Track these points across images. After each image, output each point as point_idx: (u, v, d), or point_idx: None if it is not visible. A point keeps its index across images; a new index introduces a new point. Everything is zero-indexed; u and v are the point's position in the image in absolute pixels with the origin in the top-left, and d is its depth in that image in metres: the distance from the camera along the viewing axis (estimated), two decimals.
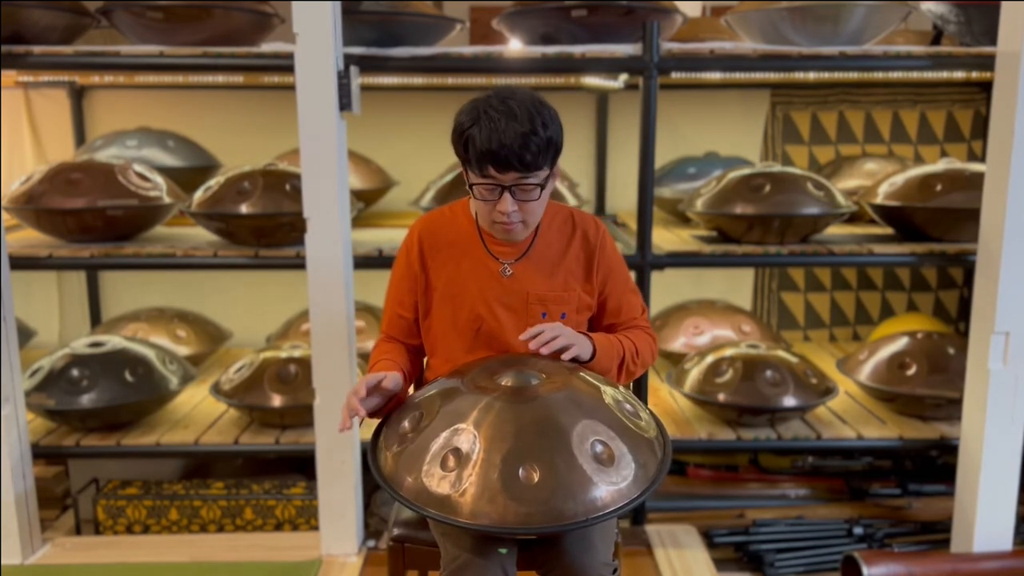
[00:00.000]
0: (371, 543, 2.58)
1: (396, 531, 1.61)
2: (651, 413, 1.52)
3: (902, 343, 2.85)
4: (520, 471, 1.27)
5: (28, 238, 2.84)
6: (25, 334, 3.26)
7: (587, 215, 1.66)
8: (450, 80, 3.41)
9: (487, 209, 1.51)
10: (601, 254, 1.62)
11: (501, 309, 1.58)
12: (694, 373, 2.81)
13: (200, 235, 2.90)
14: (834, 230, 3.00)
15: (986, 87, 3.54)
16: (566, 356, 1.49)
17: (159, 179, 2.80)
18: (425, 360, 1.70)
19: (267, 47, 2.55)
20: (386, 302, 1.68)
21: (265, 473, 2.97)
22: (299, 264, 2.50)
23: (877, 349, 2.89)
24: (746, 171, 2.79)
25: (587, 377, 1.47)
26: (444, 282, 1.61)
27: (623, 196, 3.67)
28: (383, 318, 1.69)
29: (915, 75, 3.14)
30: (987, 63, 2.50)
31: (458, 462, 1.30)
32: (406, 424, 1.41)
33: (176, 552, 2.54)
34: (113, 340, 2.85)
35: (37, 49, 2.46)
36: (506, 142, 1.41)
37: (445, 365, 1.61)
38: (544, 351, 1.46)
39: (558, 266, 1.60)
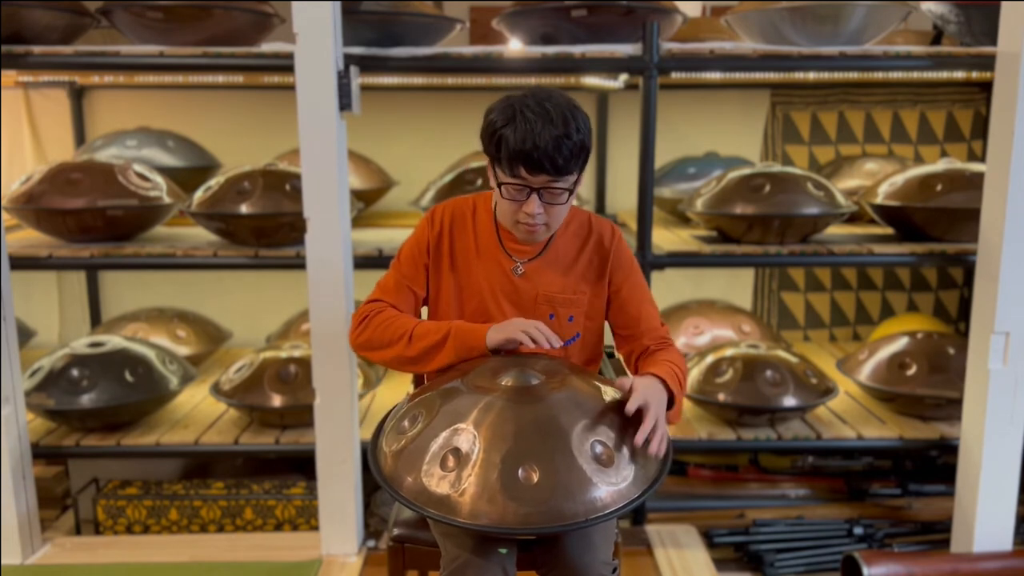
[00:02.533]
0: (371, 543, 2.58)
1: (396, 531, 1.61)
2: None
3: (902, 343, 2.85)
4: (520, 471, 1.27)
5: (28, 238, 2.84)
6: (25, 334, 3.26)
7: (605, 220, 1.65)
8: (450, 80, 3.41)
9: (512, 209, 1.50)
10: (615, 259, 1.61)
11: (509, 306, 1.59)
12: (694, 373, 2.81)
13: (200, 235, 2.90)
14: (834, 230, 3.00)
15: (986, 87, 3.54)
16: (660, 433, 1.38)
17: (159, 179, 2.80)
18: None
19: (267, 47, 2.55)
20: (394, 273, 1.62)
21: (265, 473, 2.97)
22: (299, 264, 2.50)
23: (877, 349, 2.89)
24: (746, 171, 2.79)
25: (587, 377, 1.47)
26: (457, 271, 1.61)
27: (623, 196, 3.67)
28: (384, 286, 1.62)
29: (915, 75, 3.14)
30: (987, 63, 2.50)
31: (458, 462, 1.30)
32: (406, 424, 1.41)
33: (176, 552, 2.54)
34: (113, 340, 2.85)
35: (37, 49, 2.46)
36: (540, 144, 1.40)
37: None
38: (659, 448, 1.37)
39: (570, 269, 1.60)
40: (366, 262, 2.58)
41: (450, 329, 1.51)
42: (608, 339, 1.71)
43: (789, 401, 2.67)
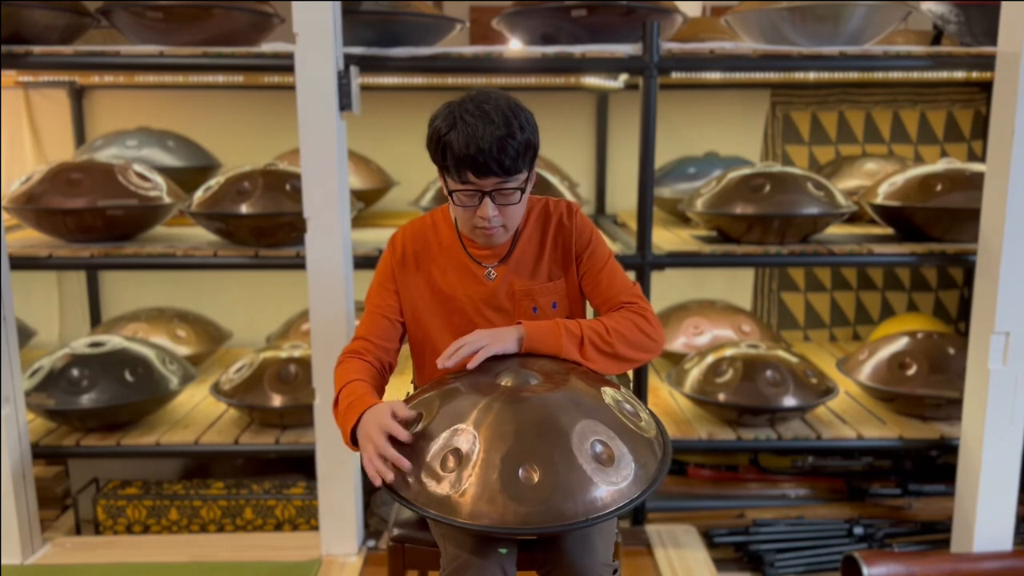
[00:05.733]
0: (371, 543, 2.58)
1: (396, 531, 1.61)
2: (651, 413, 1.52)
3: (902, 343, 2.85)
4: (520, 471, 1.27)
5: (28, 238, 2.84)
6: (25, 334, 3.26)
7: (561, 200, 1.65)
8: (450, 80, 3.40)
9: (467, 216, 1.50)
10: (578, 234, 1.61)
11: (491, 312, 1.59)
12: (694, 373, 2.81)
13: (200, 235, 2.90)
14: (834, 230, 3.00)
15: (986, 87, 3.54)
16: (482, 356, 1.45)
17: (159, 179, 2.80)
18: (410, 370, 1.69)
19: (267, 47, 2.55)
20: (368, 306, 1.64)
21: (265, 473, 2.97)
22: (299, 264, 2.50)
23: (877, 349, 2.89)
24: (746, 171, 2.79)
25: (587, 377, 1.47)
26: (431, 291, 1.61)
27: (623, 196, 3.67)
28: (361, 321, 1.63)
29: (915, 75, 3.14)
30: (987, 63, 2.50)
31: (458, 462, 1.30)
32: None
33: (176, 552, 2.54)
34: (113, 340, 2.85)
35: (37, 49, 2.46)
36: (484, 147, 1.39)
37: (436, 373, 1.60)
38: (450, 364, 1.44)
39: (540, 258, 1.61)
40: (366, 262, 2.58)
41: (343, 406, 1.50)
42: None
43: (789, 401, 2.67)
